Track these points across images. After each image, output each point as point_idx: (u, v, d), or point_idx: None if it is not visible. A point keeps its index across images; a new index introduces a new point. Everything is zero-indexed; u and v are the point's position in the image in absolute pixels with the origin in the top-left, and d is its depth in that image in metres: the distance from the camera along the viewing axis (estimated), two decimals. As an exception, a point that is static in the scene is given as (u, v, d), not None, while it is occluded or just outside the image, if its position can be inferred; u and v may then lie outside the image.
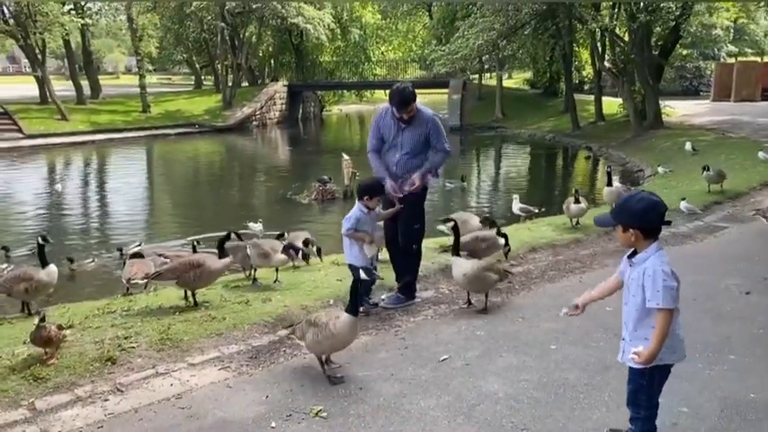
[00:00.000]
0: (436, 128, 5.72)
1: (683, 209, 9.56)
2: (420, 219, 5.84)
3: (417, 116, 5.66)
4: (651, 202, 3.04)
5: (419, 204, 5.80)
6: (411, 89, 5.59)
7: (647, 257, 3.05)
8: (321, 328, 4.17)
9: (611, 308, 5.55)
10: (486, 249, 7.10)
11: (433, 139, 5.71)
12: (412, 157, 5.70)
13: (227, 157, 29.89)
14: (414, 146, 5.69)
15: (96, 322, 5.43)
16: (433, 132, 5.70)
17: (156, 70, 79.70)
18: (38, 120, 30.31)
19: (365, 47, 48.50)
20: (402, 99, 5.51)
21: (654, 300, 3.01)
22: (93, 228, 14.38)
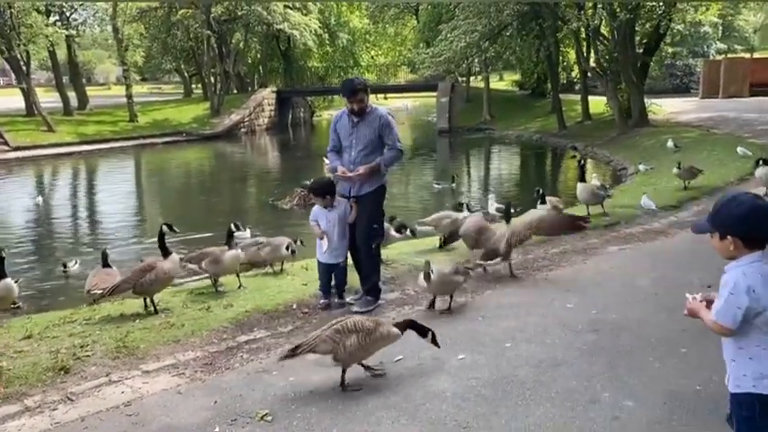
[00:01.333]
0: (388, 125, 5.72)
1: (642, 204, 9.60)
2: (378, 219, 5.84)
3: (370, 113, 5.71)
4: (754, 205, 2.53)
5: (376, 205, 5.81)
6: (360, 80, 5.80)
7: (737, 266, 2.56)
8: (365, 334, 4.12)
9: (572, 305, 5.59)
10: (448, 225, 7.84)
11: (384, 137, 5.70)
12: (367, 155, 5.70)
13: (214, 164, 29.89)
14: (367, 143, 5.70)
15: (55, 332, 5.41)
16: (385, 129, 5.70)
17: (146, 80, 79.85)
18: (24, 132, 30.24)
19: (353, 51, 48.60)
20: (351, 88, 5.61)
21: (714, 311, 2.57)
22: (72, 240, 14.31)
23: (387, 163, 5.76)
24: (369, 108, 5.70)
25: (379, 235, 5.89)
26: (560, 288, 6.19)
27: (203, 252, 6.64)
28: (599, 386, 4.03)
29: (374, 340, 4.15)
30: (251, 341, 5.20)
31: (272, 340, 5.20)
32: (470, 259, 6.74)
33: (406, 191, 19.91)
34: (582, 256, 7.46)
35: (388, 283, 6.56)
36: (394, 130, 5.76)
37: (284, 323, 5.57)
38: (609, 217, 9.16)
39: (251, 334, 5.34)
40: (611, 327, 5.04)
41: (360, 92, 5.60)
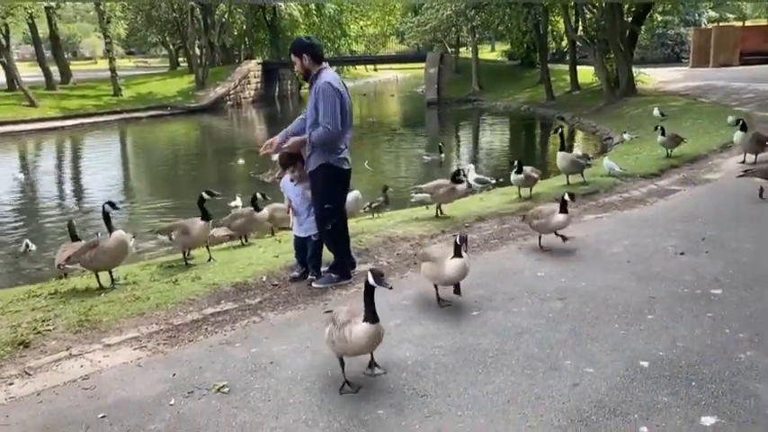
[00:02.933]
0: (321, 98, 5.15)
1: (605, 166, 9.57)
2: (330, 199, 5.44)
3: (315, 81, 5.25)
4: None
5: (324, 184, 5.40)
6: (301, 40, 5.41)
7: None
8: (337, 329, 3.64)
9: (543, 273, 5.54)
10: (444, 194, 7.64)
11: (319, 111, 5.17)
12: (308, 126, 5.34)
13: (199, 138, 29.64)
14: (309, 113, 5.30)
15: (18, 306, 5.33)
16: (320, 102, 5.15)
17: (133, 53, 78.69)
18: (5, 107, 29.81)
19: (341, 21, 47.92)
20: (294, 48, 5.35)
21: None
22: (52, 216, 14.12)
23: (313, 140, 5.26)
24: (316, 74, 5.27)
25: (332, 215, 5.47)
26: (532, 257, 6.14)
27: (174, 224, 6.54)
28: (561, 354, 3.99)
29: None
30: (217, 314, 5.13)
31: (238, 312, 5.14)
32: None
33: (395, 163, 19.81)
34: (557, 225, 7.39)
35: (361, 254, 6.49)
36: (327, 104, 5.13)
37: (253, 295, 5.49)
38: (588, 186, 9.09)
39: (218, 306, 5.27)
40: (579, 295, 5.00)
41: (291, 53, 5.32)
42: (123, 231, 5.79)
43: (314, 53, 5.32)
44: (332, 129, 5.17)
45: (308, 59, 5.30)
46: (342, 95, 5.27)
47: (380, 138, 25.02)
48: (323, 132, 5.19)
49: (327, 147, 5.33)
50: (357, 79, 61.14)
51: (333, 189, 5.48)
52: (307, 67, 5.33)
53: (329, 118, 5.16)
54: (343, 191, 5.63)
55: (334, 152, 5.39)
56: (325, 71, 5.35)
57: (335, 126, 5.18)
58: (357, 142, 24.59)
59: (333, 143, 5.32)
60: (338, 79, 5.36)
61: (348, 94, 5.51)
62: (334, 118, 5.17)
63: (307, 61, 5.30)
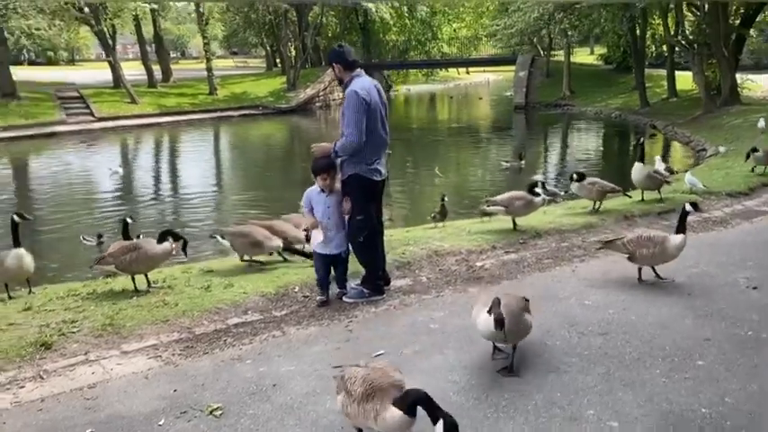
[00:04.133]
0: (346, 106, 5.02)
1: (687, 182, 8.76)
2: (362, 210, 5.21)
3: (346, 88, 5.11)
4: None
5: (355, 195, 5.19)
6: (333, 49, 5.29)
7: None
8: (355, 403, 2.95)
9: (590, 302, 5.07)
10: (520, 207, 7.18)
11: (343, 119, 5.05)
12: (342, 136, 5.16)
13: (286, 137, 30.25)
14: (341, 120, 5.18)
15: (53, 305, 5.41)
16: (345, 109, 5.04)
17: (236, 53, 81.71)
18: (109, 103, 31.52)
19: (432, 24, 47.61)
20: (328, 57, 5.34)
21: None
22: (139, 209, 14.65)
23: (336, 148, 5.10)
24: (348, 82, 5.12)
25: (364, 227, 5.23)
26: (584, 282, 5.65)
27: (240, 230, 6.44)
28: (585, 401, 3.55)
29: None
30: (240, 324, 5.00)
31: (261, 325, 4.99)
32: None
33: (470, 169, 19.33)
34: (622, 246, 6.81)
35: (402, 268, 6.22)
36: (349, 112, 4.98)
37: (280, 306, 5.34)
38: (664, 203, 8.38)
39: (243, 317, 5.15)
40: (624, 330, 4.49)
41: (331, 63, 5.24)
42: (170, 243, 5.74)
43: (344, 61, 5.18)
44: (352, 138, 5.01)
45: (339, 68, 5.20)
46: (369, 104, 5.04)
47: (460, 142, 24.58)
48: (344, 142, 5.05)
49: (357, 156, 5.14)
50: (447, 81, 60.64)
51: (363, 200, 5.26)
52: (339, 76, 5.24)
53: (351, 128, 4.99)
54: (374, 202, 5.39)
55: (365, 162, 5.20)
56: (356, 79, 5.16)
57: (357, 136, 5.00)
58: (435, 146, 24.42)
59: (360, 153, 5.12)
60: (369, 87, 5.14)
61: (382, 101, 5.30)
62: (356, 128, 4.99)
63: (338, 70, 5.21)
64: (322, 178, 5.20)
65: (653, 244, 5.32)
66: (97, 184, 17.97)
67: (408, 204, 13.42)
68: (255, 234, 6.18)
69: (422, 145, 24.00)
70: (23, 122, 27.13)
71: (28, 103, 29.13)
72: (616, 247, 5.59)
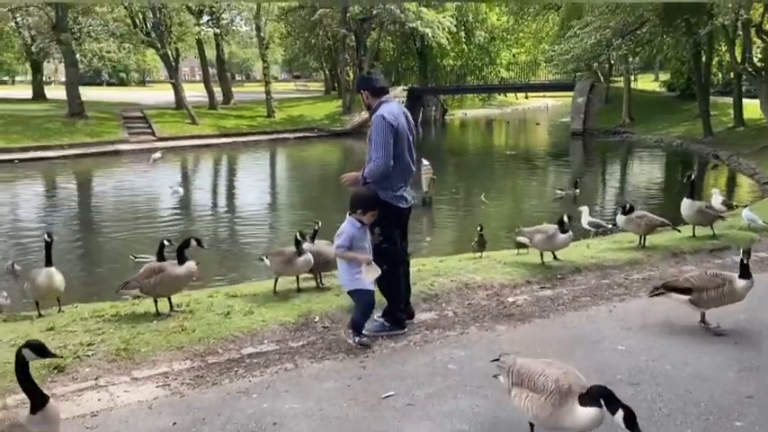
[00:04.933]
0: (373, 131, 4.98)
1: (744, 217, 8.18)
2: (387, 238, 5.08)
3: (374, 113, 5.07)
4: None
5: (382, 222, 5.02)
6: (366, 76, 5.27)
7: None
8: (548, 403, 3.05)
9: (624, 347, 4.73)
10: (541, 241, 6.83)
11: (371, 144, 5.01)
12: (367, 160, 5.11)
13: (339, 160, 30.48)
14: (368, 147, 5.11)
15: (75, 326, 5.41)
16: (372, 133, 5.00)
17: (299, 77, 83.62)
18: (170, 123, 32.56)
19: (490, 49, 47.44)
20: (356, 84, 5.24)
21: None
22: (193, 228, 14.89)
23: (365, 175, 5.02)
24: (375, 109, 5.08)
25: (388, 256, 5.06)
26: (621, 324, 5.29)
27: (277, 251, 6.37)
28: (603, 461, 3.23)
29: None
30: (255, 355, 4.88)
31: (275, 356, 4.85)
32: None
33: (521, 197, 18.91)
34: (667, 285, 6.39)
35: (429, 300, 6.00)
36: (377, 137, 4.92)
37: (298, 337, 5.19)
38: (718, 240, 7.87)
39: (258, 346, 5.02)
40: (658, 381, 4.13)
41: (361, 92, 5.21)
42: (193, 263, 5.70)
43: (372, 87, 5.13)
44: (380, 163, 4.91)
45: (368, 94, 5.14)
46: (397, 129, 4.95)
47: (513, 168, 24.15)
48: (373, 167, 4.95)
49: (384, 183, 5.03)
50: (504, 106, 60.20)
51: (389, 228, 5.11)
52: (368, 102, 5.18)
53: (380, 152, 4.91)
54: (399, 230, 5.23)
55: (391, 189, 5.08)
56: (384, 104, 5.09)
57: (385, 161, 4.91)
58: (486, 172, 24.07)
59: (387, 179, 5.01)
60: (397, 113, 5.07)
61: (410, 128, 5.20)
62: (385, 152, 4.91)
63: (366, 96, 5.15)
64: (371, 215, 4.90)
65: (721, 281, 4.85)
66: (154, 201, 18.51)
67: (449, 232, 13.19)
68: (287, 251, 6.09)
69: (473, 170, 23.73)
70: (89, 141, 28.27)
71: (94, 123, 30.37)
72: (677, 288, 5.08)
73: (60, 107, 32.25)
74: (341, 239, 4.90)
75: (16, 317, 6.04)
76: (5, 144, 26.21)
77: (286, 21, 43.27)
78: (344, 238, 4.89)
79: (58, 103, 34.15)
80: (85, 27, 33.63)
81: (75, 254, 12.61)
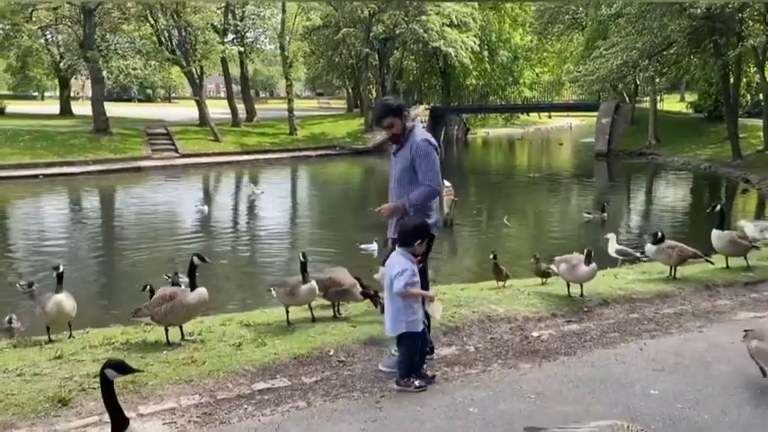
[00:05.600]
0: (421, 155, 4.84)
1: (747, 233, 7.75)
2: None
3: (409, 139, 4.92)
4: None
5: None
6: (390, 101, 4.93)
7: None
8: None
9: (657, 391, 4.44)
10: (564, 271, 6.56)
11: (418, 170, 4.85)
12: (400, 188, 4.96)
13: (361, 178, 30.44)
14: (401, 174, 4.96)
15: (84, 355, 5.26)
16: (418, 160, 4.83)
17: (322, 95, 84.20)
18: (193, 140, 32.77)
19: (513, 69, 47.27)
20: (377, 112, 4.99)
21: None
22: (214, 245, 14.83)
23: (413, 201, 4.89)
24: (408, 133, 4.93)
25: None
26: (653, 364, 4.99)
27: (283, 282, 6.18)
28: None
29: None
30: (266, 390, 4.67)
31: (287, 392, 4.63)
32: None
33: (550, 220, 18.49)
34: (700, 321, 6.09)
35: (449, 333, 5.75)
36: (429, 161, 4.85)
37: (311, 372, 4.97)
38: (752, 272, 7.52)
39: (270, 381, 4.81)
40: (694, 433, 3.85)
41: (387, 116, 4.86)
42: (205, 289, 5.53)
43: (406, 111, 4.97)
44: (435, 186, 4.89)
45: (406, 117, 4.94)
46: (437, 151, 4.95)
47: (536, 190, 23.81)
48: (426, 191, 4.86)
49: (423, 208, 4.94)
50: (527, 126, 59.88)
51: (425, 255, 4.93)
52: (406, 125, 4.94)
53: (432, 175, 4.86)
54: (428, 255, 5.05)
55: (427, 214, 4.95)
56: (416, 128, 5.00)
57: (438, 183, 4.91)
58: (509, 193, 23.74)
59: (428, 204, 4.97)
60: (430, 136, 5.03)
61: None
62: (437, 176, 4.89)
63: (404, 119, 4.91)
64: (422, 244, 4.63)
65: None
66: (176, 219, 18.57)
67: (470, 256, 12.92)
68: (290, 281, 5.91)
69: (495, 191, 23.45)
70: (112, 157, 28.53)
71: (118, 139, 30.68)
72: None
73: (86, 123, 32.66)
74: (406, 277, 4.45)
75: (27, 342, 5.90)
76: (31, 159, 26.54)
77: (310, 39, 43.55)
78: (409, 274, 4.47)
79: (84, 119, 34.62)
80: (113, 44, 34.13)
81: (94, 272, 12.60)
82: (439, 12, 35.72)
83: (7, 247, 14.90)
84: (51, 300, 5.73)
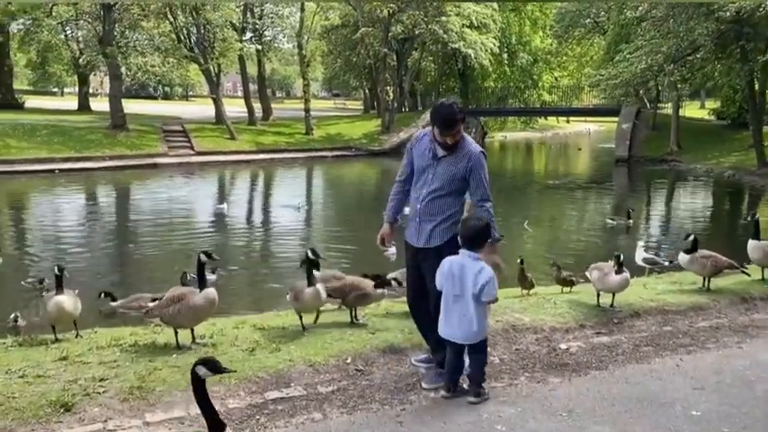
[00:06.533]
0: (480, 167, 4.45)
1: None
2: None
3: (460, 148, 4.47)
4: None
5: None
6: (458, 106, 4.38)
7: None
8: None
9: (699, 412, 4.12)
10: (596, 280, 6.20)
11: (473, 182, 4.46)
12: (440, 197, 4.52)
13: (377, 180, 30.15)
14: (446, 183, 4.50)
15: (90, 356, 5.03)
16: (476, 173, 4.44)
17: (338, 95, 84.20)
18: (209, 138, 32.65)
19: (532, 72, 46.77)
20: (445, 118, 4.36)
21: None
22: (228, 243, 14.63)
23: (490, 218, 4.52)
24: (462, 141, 4.49)
25: None
26: (692, 382, 4.67)
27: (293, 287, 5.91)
28: None
29: None
30: (279, 400, 4.40)
31: (302, 403, 4.37)
32: None
33: (571, 226, 18.07)
34: (738, 336, 5.75)
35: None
36: (485, 174, 4.48)
37: (328, 381, 4.71)
38: (792, 285, 7.16)
39: (284, 390, 4.55)
40: (746, 462, 3.53)
41: (457, 123, 4.37)
42: (214, 290, 5.28)
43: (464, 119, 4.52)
44: (492, 202, 4.57)
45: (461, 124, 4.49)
46: None
47: (556, 195, 23.41)
48: (490, 209, 4.54)
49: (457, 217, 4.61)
50: (546, 130, 59.35)
51: None
52: (460, 132, 4.48)
53: (488, 189, 4.54)
54: None
55: (457, 222, 4.61)
56: (467, 136, 4.58)
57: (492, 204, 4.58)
58: (528, 197, 23.37)
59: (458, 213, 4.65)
60: None
61: None
62: (490, 189, 4.55)
63: (461, 127, 4.48)
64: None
65: None
66: (191, 217, 18.43)
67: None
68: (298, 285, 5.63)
69: (514, 196, 23.05)
70: (128, 153, 28.49)
71: (135, 135, 30.63)
72: None
73: (103, 119, 32.69)
74: (494, 286, 4.27)
75: (32, 341, 5.67)
76: (48, 154, 26.55)
77: (328, 39, 43.37)
78: (495, 282, 4.30)
79: (101, 115, 34.67)
80: (132, 41, 34.18)
81: (108, 268, 12.44)
82: (459, 12, 35.34)
83: (23, 242, 14.79)
84: (52, 300, 5.49)
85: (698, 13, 19.44)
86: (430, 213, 4.56)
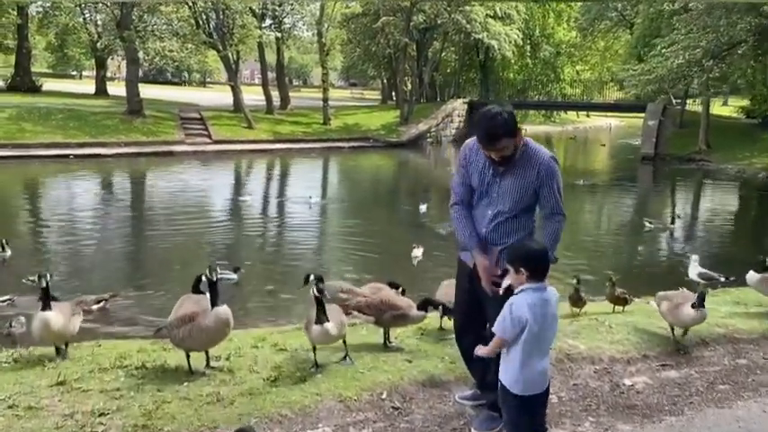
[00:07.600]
0: (552, 178, 3.71)
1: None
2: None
3: (525, 157, 3.71)
4: None
5: None
6: (505, 116, 3.52)
7: None
8: None
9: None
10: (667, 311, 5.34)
11: (544, 196, 3.73)
12: (512, 218, 3.79)
13: (394, 172, 29.51)
14: (517, 201, 3.74)
15: (91, 382, 4.41)
16: (547, 185, 3.71)
17: (356, 85, 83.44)
18: (226, 126, 32.08)
19: (555, 65, 45.77)
20: (487, 130, 3.57)
21: None
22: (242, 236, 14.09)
23: (556, 239, 3.79)
24: (522, 148, 3.72)
25: None
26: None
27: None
28: None
29: None
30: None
31: (332, 449, 3.75)
32: None
33: (601, 229, 17.12)
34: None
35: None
36: (560, 186, 3.75)
37: (362, 421, 4.07)
38: None
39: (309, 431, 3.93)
40: None
41: (502, 138, 3.56)
42: (227, 308, 4.62)
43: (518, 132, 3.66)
44: (564, 215, 3.82)
45: (513, 141, 3.64)
46: None
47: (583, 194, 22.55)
48: (561, 227, 3.80)
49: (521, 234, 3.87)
50: (566, 124, 58.38)
51: None
52: (511, 150, 3.67)
53: (561, 201, 3.79)
54: None
55: None
56: (530, 140, 3.79)
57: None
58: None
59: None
60: None
61: None
62: (563, 200, 3.81)
63: (513, 143, 3.64)
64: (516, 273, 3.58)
65: None
66: (207, 207, 17.96)
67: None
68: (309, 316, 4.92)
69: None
70: (144, 140, 27.98)
71: (152, 121, 30.10)
72: None
73: (120, 104, 32.19)
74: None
75: (29, 356, 5.08)
76: (63, 139, 26.08)
77: (348, 28, 42.61)
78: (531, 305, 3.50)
79: (118, 100, 34.18)
80: (150, 25, 33.63)
81: (120, 261, 11.92)
82: (483, 2, 34.48)
83: (35, 231, 14.27)
84: (37, 317, 4.72)
85: (740, 8, 18.49)
86: (499, 237, 3.82)
